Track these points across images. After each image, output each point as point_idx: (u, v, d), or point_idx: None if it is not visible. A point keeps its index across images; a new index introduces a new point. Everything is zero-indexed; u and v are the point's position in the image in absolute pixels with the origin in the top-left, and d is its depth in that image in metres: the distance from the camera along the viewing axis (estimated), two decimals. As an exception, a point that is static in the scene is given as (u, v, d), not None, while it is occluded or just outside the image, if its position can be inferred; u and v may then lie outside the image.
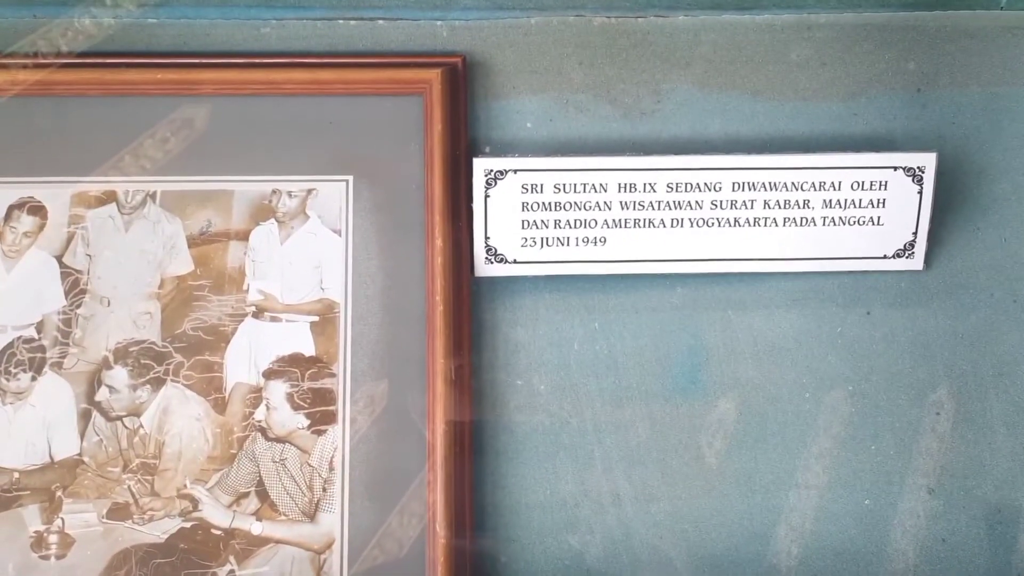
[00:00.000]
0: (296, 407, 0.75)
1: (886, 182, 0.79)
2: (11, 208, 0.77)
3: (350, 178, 0.80)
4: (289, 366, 0.76)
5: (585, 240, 0.79)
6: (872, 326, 0.82)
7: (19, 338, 0.75)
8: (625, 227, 0.79)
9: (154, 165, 0.79)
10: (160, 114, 0.79)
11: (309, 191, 0.79)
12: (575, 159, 0.79)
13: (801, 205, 0.79)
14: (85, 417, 0.74)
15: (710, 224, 0.79)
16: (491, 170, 0.79)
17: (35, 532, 0.72)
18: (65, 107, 0.79)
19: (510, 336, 0.79)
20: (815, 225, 0.80)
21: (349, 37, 0.84)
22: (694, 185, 0.79)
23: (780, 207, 0.79)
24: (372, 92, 0.81)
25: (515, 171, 0.79)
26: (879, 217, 0.79)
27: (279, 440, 0.75)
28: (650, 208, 0.79)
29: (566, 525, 0.76)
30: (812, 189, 0.79)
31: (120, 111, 0.79)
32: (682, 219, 0.79)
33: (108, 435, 0.74)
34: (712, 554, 0.77)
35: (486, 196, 0.79)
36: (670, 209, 0.79)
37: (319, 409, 0.76)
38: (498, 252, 0.80)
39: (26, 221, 0.77)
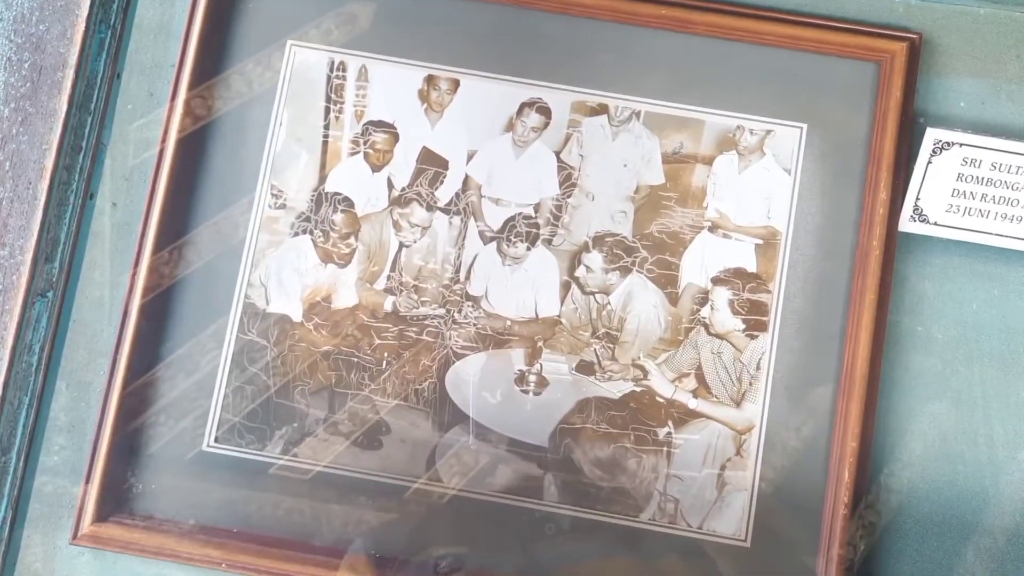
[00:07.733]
0: (735, 312, 0.90)
1: None
2: (523, 105, 0.93)
3: (804, 126, 0.92)
4: (733, 277, 0.90)
5: (1004, 216, 0.89)
6: None
7: (520, 214, 0.92)
8: (1047, 211, 0.89)
9: (642, 88, 0.93)
10: (654, 44, 0.92)
11: (768, 131, 0.92)
12: (1020, 143, 0.88)
13: None
14: (565, 287, 0.91)
15: None
16: (940, 140, 0.89)
17: (519, 370, 0.90)
18: (577, 26, 0.93)
19: (917, 287, 0.91)
20: None
21: (814, 1, 0.94)
22: (1124, 185, 0.88)
23: None
24: (836, 53, 0.91)
25: (960, 144, 0.89)
26: None
27: (718, 336, 0.90)
28: (1075, 199, 0.88)
29: (942, 455, 0.89)
30: None
31: (623, 36, 0.92)
32: (1103, 213, 0.88)
33: (582, 305, 0.91)
34: (1073, 505, 0.89)
35: (928, 162, 0.89)
36: (1094, 203, 0.88)
37: (754, 317, 0.90)
38: (923, 213, 0.90)
39: (534, 118, 0.93)
